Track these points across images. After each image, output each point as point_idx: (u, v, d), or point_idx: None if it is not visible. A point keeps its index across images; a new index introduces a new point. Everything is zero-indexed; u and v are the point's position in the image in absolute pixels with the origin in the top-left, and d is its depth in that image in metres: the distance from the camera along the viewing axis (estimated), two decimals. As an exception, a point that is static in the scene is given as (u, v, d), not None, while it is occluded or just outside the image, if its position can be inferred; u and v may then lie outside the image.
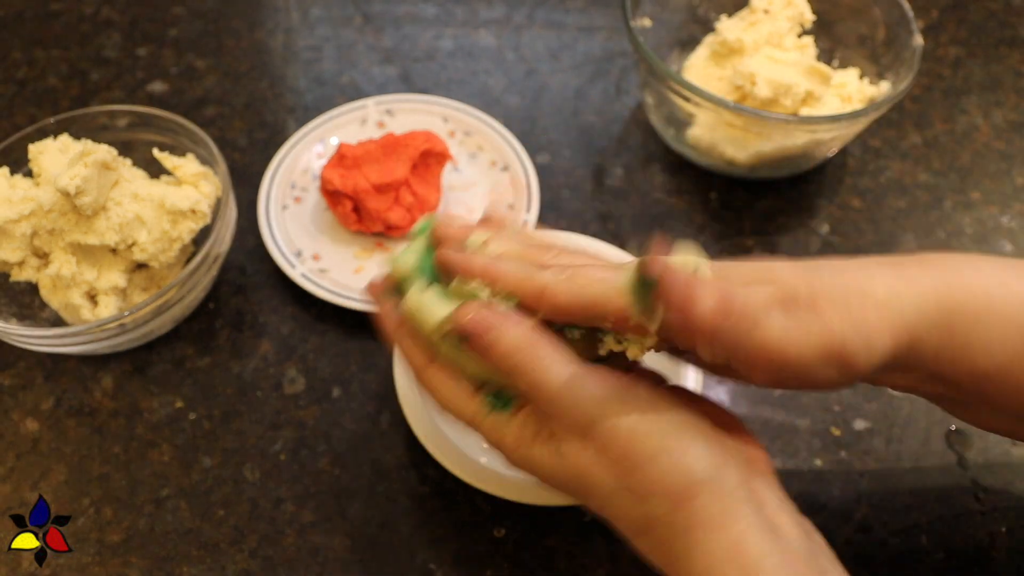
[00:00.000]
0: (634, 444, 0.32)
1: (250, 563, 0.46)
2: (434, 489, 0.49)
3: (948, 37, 0.73)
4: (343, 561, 0.46)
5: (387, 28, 0.73)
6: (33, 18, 0.72)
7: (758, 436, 0.36)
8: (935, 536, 0.47)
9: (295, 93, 0.68)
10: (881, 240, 0.60)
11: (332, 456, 0.50)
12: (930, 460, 0.50)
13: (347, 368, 0.53)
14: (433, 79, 0.69)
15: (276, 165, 0.61)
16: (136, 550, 0.47)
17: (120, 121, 0.55)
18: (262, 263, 0.58)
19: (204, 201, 0.51)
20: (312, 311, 0.56)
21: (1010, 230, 0.61)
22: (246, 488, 0.49)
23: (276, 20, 0.73)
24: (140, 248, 0.50)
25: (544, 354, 0.33)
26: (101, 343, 0.49)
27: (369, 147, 0.57)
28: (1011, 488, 0.49)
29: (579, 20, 0.74)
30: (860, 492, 0.49)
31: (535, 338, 0.33)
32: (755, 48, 0.61)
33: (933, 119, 0.67)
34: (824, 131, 0.55)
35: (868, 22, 0.62)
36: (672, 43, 0.66)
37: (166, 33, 0.71)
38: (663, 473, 0.31)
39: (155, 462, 0.50)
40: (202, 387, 0.52)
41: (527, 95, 0.68)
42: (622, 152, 0.65)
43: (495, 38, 0.72)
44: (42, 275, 0.50)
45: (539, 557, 0.46)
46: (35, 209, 0.47)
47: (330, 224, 0.59)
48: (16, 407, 0.52)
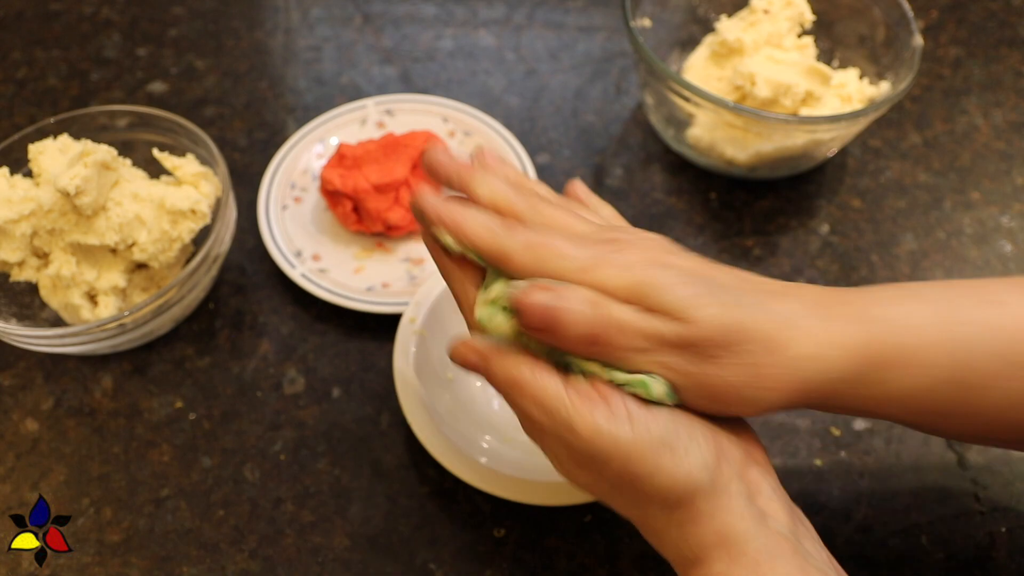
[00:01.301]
0: (628, 467, 0.31)
1: (250, 563, 0.46)
2: (434, 489, 0.49)
3: (948, 37, 0.73)
4: (343, 561, 0.46)
5: (387, 28, 0.73)
6: (33, 18, 0.72)
7: (758, 436, 0.36)
8: (935, 536, 0.47)
9: (295, 93, 0.68)
10: (881, 240, 0.60)
11: (332, 456, 0.50)
12: (930, 460, 0.50)
13: (347, 368, 0.53)
14: (433, 79, 0.69)
15: (276, 165, 0.61)
16: (136, 550, 0.47)
17: (120, 121, 0.55)
18: (262, 263, 0.58)
19: (204, 201, 0.51)
20: (312, 311, 0.56)
21: (1010, 230, 0.61)
22: (246, 488, 0.49)
23: (276, 20, 0.73)
24: (140, 248, 0.50)
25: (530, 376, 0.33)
26: (101, 343, 0.49)
27: (369, 147, 0.57)
28: (1011, 488, 0.49)
29: (579, 20, 0.74)
30: (860, 492, 0.49)
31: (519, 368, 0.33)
32: (755, 48, 0.61)
33: (933, 119, 0.67)
34: (824, 131, 0.55)
35: (868, 22, 0.62)
36: (672, 43, 0.66)
37: (166, 33, 0.71)
38: (658, 489, 0.31)
39: (155, 462, 0.50)
40: (202, 387, 0.52)
41: (527, 95, 0.68)
42: (622, 152, 0.65)
43: (495, 38, 0.72)
44: (42, 275, 0.50)
45: (539, 557, 0.46)
46: (35, 209, 0.47)
47: (330, 224, 0.59)
48: (16, 407, 0.52)
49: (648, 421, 0.32)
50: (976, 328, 0.33)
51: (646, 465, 0.31)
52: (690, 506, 0.31)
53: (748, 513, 0.31)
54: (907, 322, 0.33)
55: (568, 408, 0.32)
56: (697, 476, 0.31)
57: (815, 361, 0.32)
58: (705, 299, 0.31)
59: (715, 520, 0.31)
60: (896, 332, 0.33)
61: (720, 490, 0.31)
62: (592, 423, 0.31)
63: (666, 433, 0.32)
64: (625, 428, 0.31)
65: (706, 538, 0.31)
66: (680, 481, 0.31)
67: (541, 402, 0.32)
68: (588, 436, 0.31)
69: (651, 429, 0.31)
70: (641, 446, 0.31)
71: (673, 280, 0.32)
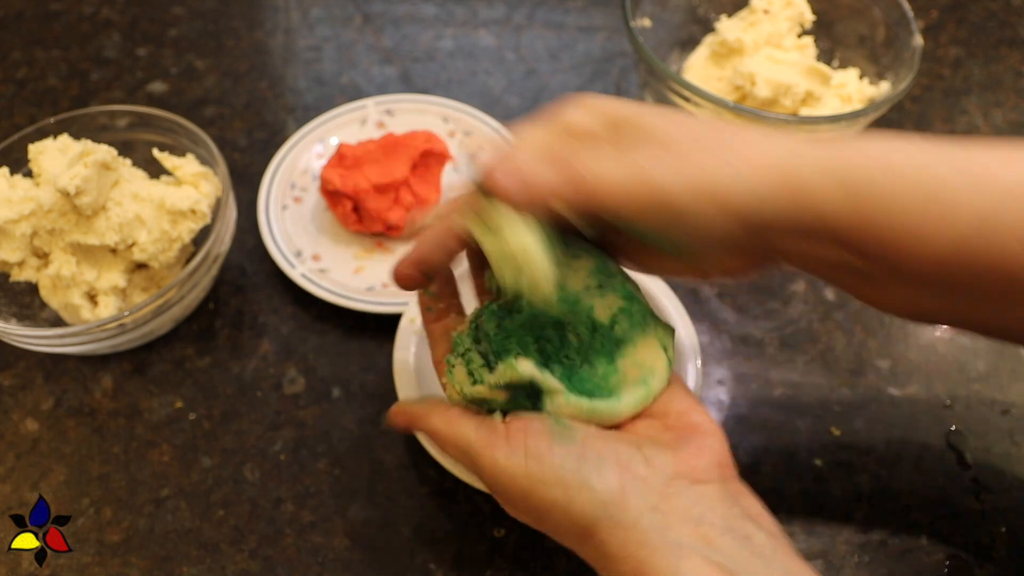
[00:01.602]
0: (528, 501, 0.33)
1: (250, 563, 0.46)
2: (434, 489, 0.49)
3: (948, 37, 0.73)
4: (343, 561, 0.46)
5: (387, 28, 0.73)
6: (33, 18, 0.72)
7: (758, 436, 0.35)
8: (935, 536, 0.47)
9: (295, 93, 0.68)
10: (881, 240, 0.60)
11: (332, 456, 0.50)
12: (930, 460, 0.50)
13: (347, 368, 0.53)
14: (433, 79, 0.69)
15: (276, 165, 0.61)
16: (136, 550, 0.47)
17: (120, 121, 0.55)
18: (262, 263, 0.58)
19: (204, 201, 0.51)
20: (312, 311, 0.56)
21: (1010, 230, 0.61)
22: (246, 488, 0.49)
23: (276, 20, 0.73)
24: (140, 248, 0.50)
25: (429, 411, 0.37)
26: (101, 343, 0.49)
27: (369, 147, 0.57)
28: (1011, 488, 0.49)
29: (579, 20, 0.74)
30: (860, 492, 0.49)
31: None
32: (755, 48, 0.61)
33: (933, 119, 0.67)
34: (824, 131, 0.55)
35: (868, 22, 0.62)
36: (672, 43, 0.66)
37: (166, 33, 0.71)
38: (558, 524, 0.33)
39: (155, 462, 0.50)
40: (202, 387, 0.52)
41: (527, 95, 0.68)
42: (622, 152, 0.65)
43: (495, 38, 0.72)
44: (42, 275, 0.50)
45: (539, 557, 0.46)
46: (35, 209, 0.47)
47: (330, 224, 0.59)
48: (16, 407, 0.52)
49: (544, 456, 0.33)
50: (1007, 176, 0.28)
51: (543, 499, 0.32)
52: (595, 541, 0.32)
53: (663, 547, 0.30)
54: (875, 146, 0.30)
55: (474, 448, 0.34)
56: (590, 512, 0.32)
57: (797, 159, 0.30)
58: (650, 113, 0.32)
59: (629, 557, 0.31)
60: (871, 154, 0.30)
61: (627, 525, 0.31)
62: (491, 460, 0.33)
63: (561, 468, 0.32)
64: (519, 463, 0.33)
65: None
66: (574, 516, 0.32)
67: (456, 447, 0.35)
68: (490, 473, 0.34)
69: (544, 464, 0.32)
70: (534, 481, 0.32)
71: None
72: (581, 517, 0.32)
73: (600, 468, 0.32)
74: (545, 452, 0.33)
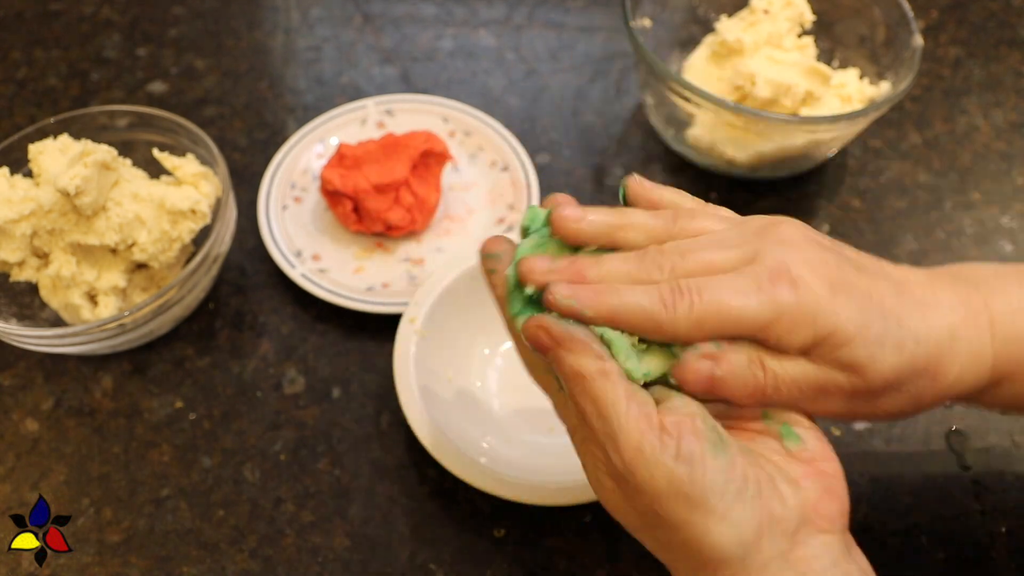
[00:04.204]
0: (657, 506, 0.29)
1: (250, 563, 0.46)
2: (434, 489, 0.49)
3: (948, 37, 0.73)
4: (343, 561, 0.46)
5: (387, 28, 0.73)
6: (33, 18, 0.72)
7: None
8: (935, 536, 0.47)
9: (295, 93, 0.68)
10: (881, 240, 0.60)
11: (332, 456, 0.50)
12: (930, 460, 0.50)
13: (347, 368, 0.53)
14: (433, 79, 0.69)
15: (276, 165, 0.61)
16: (136, 550, 0.47)
17: (120, 121, 0.55)
18: (262, 263, 0.58)
19: (204, 201, 0.51)
20: (312, 311, 0.56)
21: (1010, 230, 0.61)
22: (246, 488, 0.49)
23: (276, 20, 0.73)
24: (140, 248, 0.50)
25: (604, 385, 0.30)
26: (101, 343, 0.49)
27: (369, 147, 0.57)
28: (1011, 488, 0.49)
29: (579, 20, 0.74)
30: (860, 492, 0.49)
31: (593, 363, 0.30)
32: (755, 48, 0.61)
33: (933, 119, 0.67)
34: (824, 131, 0.55)
35: (868, 22, 0.62)
36: (672, 43, 0.66)
37: (166, 33, 0.71)
38: (686, 542, 0.29)
39: (155, 462, 0.50)
40: (202, 387, 0.52)
41: (527, 95, 0.68)
42: (622, 152, 0.65)
43: (495, 38, 0.72)
44: (42, 275, 0.50)
45: (539, 557, 0.46)
46: (35, 209, 0.47)
47: (330, 224, 0.59)
48: (16, 407, 0.52)
49: (696, 465, 0.29)
50: None
51: (677, 513, 0.29)
52: (716, 572, 0.29)
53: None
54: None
55: (620, 419, 0.29)
56: (727, 549, 0.29)
57: (963, 383, 0.33)
58: (884, 349, 0.31)
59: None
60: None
61: (755, 568, 0.29)
62: (637, 443, 0.29)
63: (710, 487, 0.29)
64: (667, 462, 0.29)
65: None
66: (706, 547, 0.29)
67: (597, 403, 0.30)
68: (628, 455, 0.29)
69: (695, 476, 0.29)
70: (676, 489, 0.29)
71: (849, 327, 0.31)
72: (712, 550, 0.29)
73: (744, 498, 0.29)
74: (698, 460, 0.29)
